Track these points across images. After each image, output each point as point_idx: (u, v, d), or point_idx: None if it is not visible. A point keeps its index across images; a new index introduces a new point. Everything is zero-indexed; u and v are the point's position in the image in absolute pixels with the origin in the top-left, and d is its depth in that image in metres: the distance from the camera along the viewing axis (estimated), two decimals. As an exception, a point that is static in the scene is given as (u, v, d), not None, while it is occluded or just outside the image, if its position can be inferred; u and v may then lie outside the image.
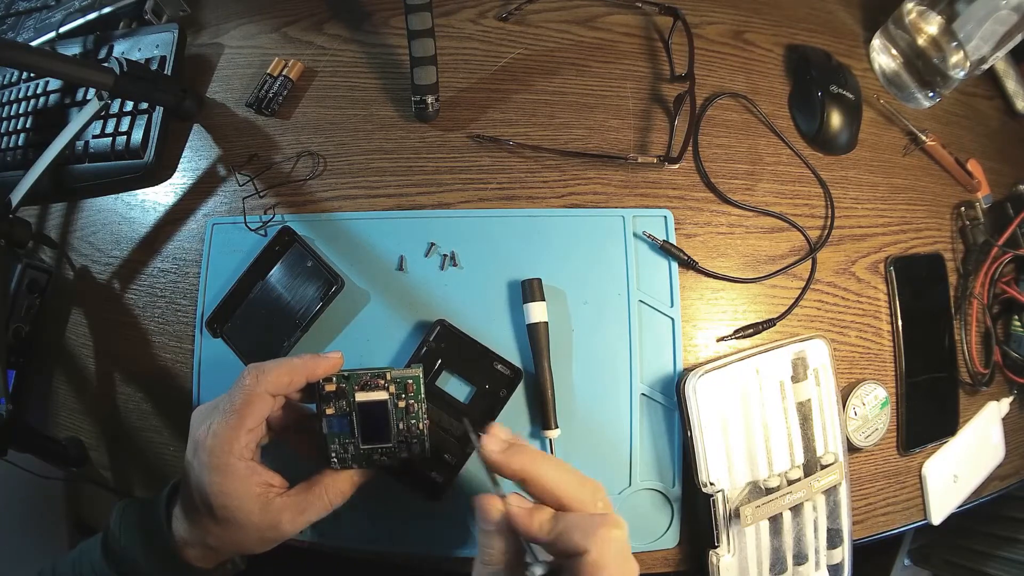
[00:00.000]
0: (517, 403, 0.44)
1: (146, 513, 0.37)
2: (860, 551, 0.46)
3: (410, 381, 0.36)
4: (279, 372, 0.34)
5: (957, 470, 0.49)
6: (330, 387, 0.36)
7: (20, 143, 0.56)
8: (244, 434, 0.33)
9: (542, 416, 0.43)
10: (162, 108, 0.51)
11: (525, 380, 0.44)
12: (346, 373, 0.36)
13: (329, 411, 0.35)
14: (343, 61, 0.52)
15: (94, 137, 0.52)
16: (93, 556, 0.36)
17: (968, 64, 0.49)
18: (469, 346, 0.44)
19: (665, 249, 0.46)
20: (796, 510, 0.43)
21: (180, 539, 0.35)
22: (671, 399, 0.44)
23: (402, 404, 0.36)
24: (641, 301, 0.45)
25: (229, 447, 0.33)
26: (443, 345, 0.43)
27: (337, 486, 0.36)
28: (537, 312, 0.43)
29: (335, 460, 0.36)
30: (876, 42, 0.54)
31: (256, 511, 0.33)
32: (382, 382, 0.36)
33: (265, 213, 0.48)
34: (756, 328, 0.46)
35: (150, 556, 0.35)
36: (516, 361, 0.44)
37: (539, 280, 0.44)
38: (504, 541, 0.30)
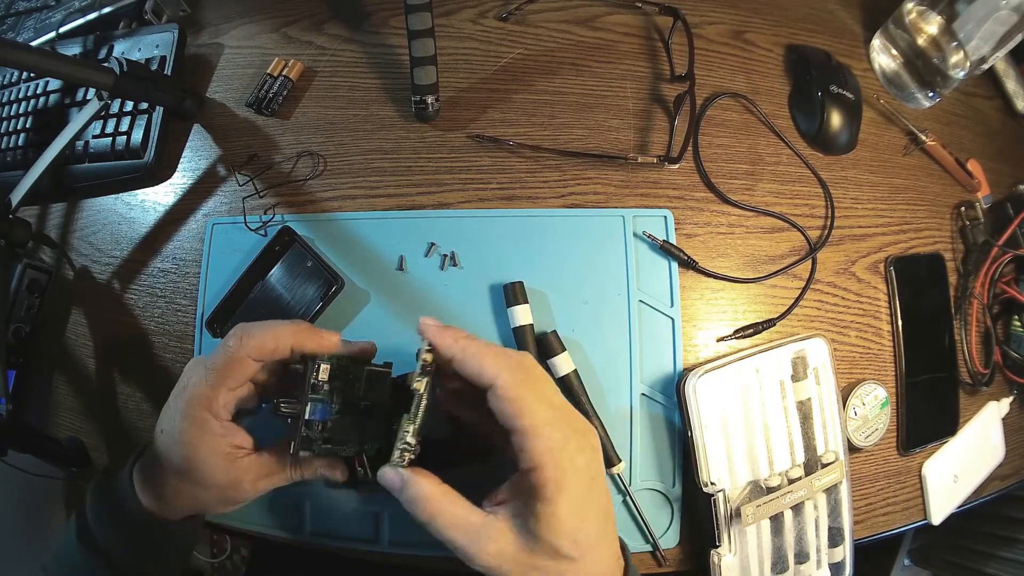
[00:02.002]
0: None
1: (109, 473, 0.37)
2: (860, 551, 0.46)
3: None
4: (264, 338, 0.33)
5: (957, 470, 0.49)
6: (323, 375, 0.34)
7: (20, 143, 0.56)
8: (223, 394, 0.33)
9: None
10: (162, 108, 0.51)
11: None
12: (343, 362, 0.34)
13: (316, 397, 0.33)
14: (343, 61, 0.52)
15: (94, 137, 0.52)
16: (70, 539, 0.36)
17: (968, 64, 0.49)
18: None
19: (665, 249, 0.46)
20: (797, 509, 0.43)
21: (139, 491, 0.35)
22: (671, 399, 0.44)
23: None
24: (641, 301, 0.45)
25: (207, 404, 0.33)
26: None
27: (306, 464, 0.36)
28: (520, 315, 0.43)
29: (317, 444, 0.33)
30: (876, 42, 0.54)
31: (220, 468, 0.33)
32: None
33: (265, 213, 0.48)
34: (756, 328, 0.46)
35: (109, 518, 0.35)
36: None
37: (521, 283, 0.44)
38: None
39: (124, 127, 0.52)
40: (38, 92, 0.57)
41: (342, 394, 0.35)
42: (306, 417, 0.33)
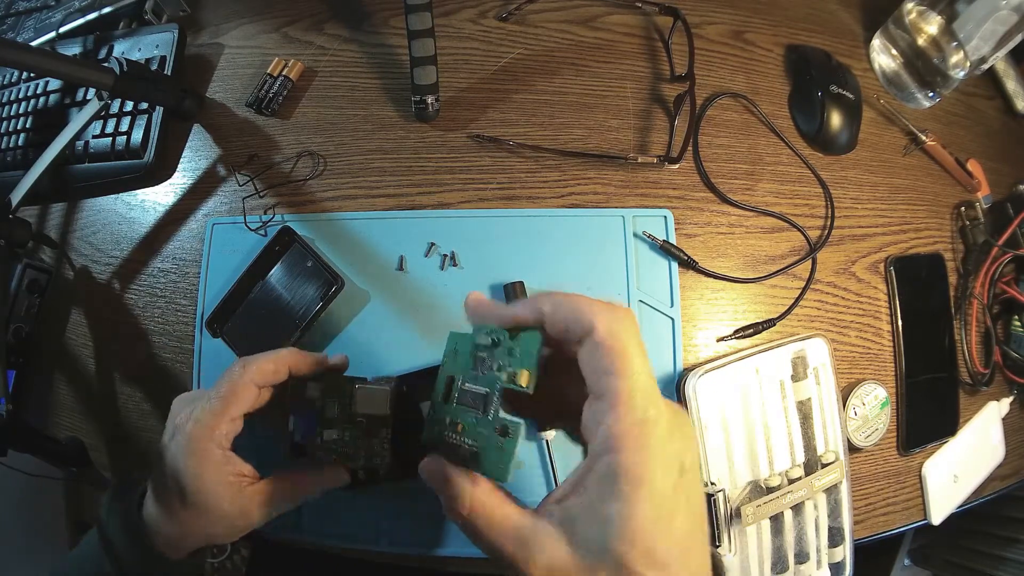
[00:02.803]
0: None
1: (123, 494, 0.37)
2: (860, 551, 0.46)
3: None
4: (265, 362, 0.35)
5: (957, 470, 0.49)
6: (313, 392, 0.37)
7: (20, 143, 0.56)
8: (226, 422, 0.34)
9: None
10: (162, 108, 0.51)
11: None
12: (335, 381, 0.37)
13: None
14: (343, 61, 0.52)
15: (94, 137, 0.52)
16: (93, 541, 0.36)
17: (968, 64, 0.49)
18: None
19: (665, 249, 0.46)
20: (797, 509, 0.43)
21: (148, 523, 0.35)
22: (671, 399, 0.44)
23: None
24: (641, 301, 0.45)
25: (210, 433, 0.33)
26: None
27: (306, 486, 0.37)
28: None
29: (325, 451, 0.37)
30: (876, 42, 0.54)
31: (227, 498, 0.34)
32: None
33: (265, 213, 0.48)
34: (756, 328, 0.46)
35: (126, 538, 0.35)
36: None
37: (521, 283, 0.44)
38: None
39: (124, 127, 0.52)
40: (38, 92, 0.57)
41: (338, 410, 0.37)
42: (290, 428, 0.37)
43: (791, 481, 0.42)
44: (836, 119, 0.49)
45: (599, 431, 0.22)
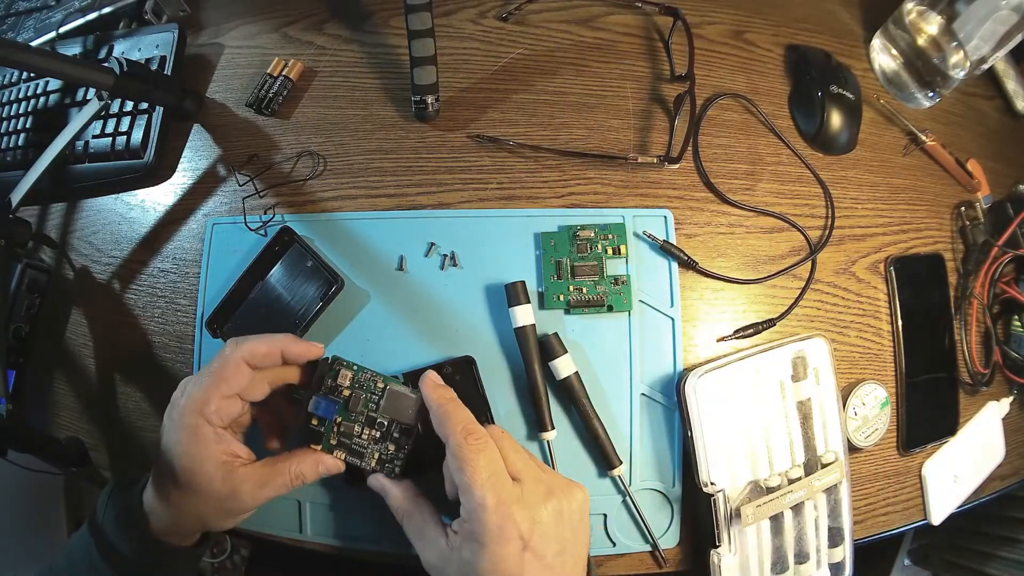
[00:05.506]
0: (513, 406, 0.44)
1: (124, 488, 0.38)
2: (860, 551, 0.46)
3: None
4: (257, 342, 0.36)
5: (957, 470, 0.49)
6: (343, 380, 0.37)
7: (20, 143, 0.56)
8: (217, 399, 0.34)
9: (537, 418, 0.43)
10: (162, 108, 0.51)
11: (521, 383, 0.44)
12: (367, 374, 0.38)
13: (330, 396, 0.38)
14: (343, 61, 0.52)
15: (94, 137, 0.52)
16: (82, 537, 0.36)
17: (968, 64, 0.49)
18: (475, 393, 0.43)
19: (665, 249, 0.46)
20: (797, 509, 0.43)
21: (147, 509, 0.36)
22: (671, 399, 0.44)
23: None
24: (641, 301, 0.45)
25: (200, 408, 0.34)
26: (457, 377, 0.43)
27: (301, 469, 0.37)
28: (522, 316, 0.43)
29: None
30: (876, 42, 0.54)
31: (218, 477, 0.34)
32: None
33: (265, 213, 0.48)
34: (756, 328, 0.46)
35: (118, 528, 0.35)
36: (515, 359, 0.44)
37: (523, 283, 0.43)
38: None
39: (124, 127, 0.52)
40: (38, 92, 0.57)
41: (362, 405, 0.38)
42: (309, 409, 0.37)
43: (791, 481, 0.42)
44: (836, 119, 0.49)
45: (460, 508, 0.33)
